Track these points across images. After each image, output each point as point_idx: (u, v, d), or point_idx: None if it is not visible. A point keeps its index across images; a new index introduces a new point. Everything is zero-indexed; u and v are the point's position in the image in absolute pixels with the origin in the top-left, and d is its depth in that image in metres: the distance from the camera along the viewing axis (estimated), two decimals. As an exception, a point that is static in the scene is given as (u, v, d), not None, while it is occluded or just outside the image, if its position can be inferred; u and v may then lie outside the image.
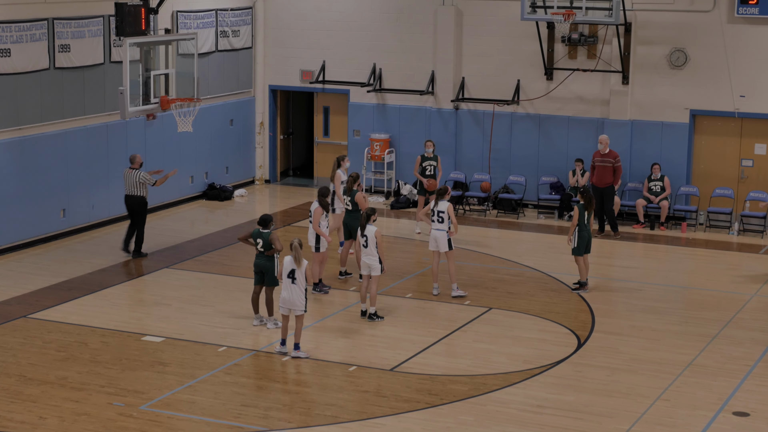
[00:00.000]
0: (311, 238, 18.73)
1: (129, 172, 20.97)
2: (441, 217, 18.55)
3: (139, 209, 21.02)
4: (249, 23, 27.24)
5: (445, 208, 18.53)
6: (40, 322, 17.42)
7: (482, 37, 25.57)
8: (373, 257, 17.58)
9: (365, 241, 17.59)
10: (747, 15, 23.12)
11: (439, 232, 18.59)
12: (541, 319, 17.90)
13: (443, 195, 18.67)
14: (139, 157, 21.16)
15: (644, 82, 24.32)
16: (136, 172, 20.88)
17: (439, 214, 18.58)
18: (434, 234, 18.67)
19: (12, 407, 14.10)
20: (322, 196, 18.57)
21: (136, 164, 20.98)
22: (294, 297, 15.89)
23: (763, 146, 23.74)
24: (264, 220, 17.10)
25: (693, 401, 14.63)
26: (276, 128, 28.23)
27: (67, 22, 21.87)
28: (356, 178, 19.39)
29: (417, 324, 17.66)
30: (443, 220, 18.54)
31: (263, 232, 17.02)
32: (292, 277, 15.88)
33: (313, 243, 18.68)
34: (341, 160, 21.02)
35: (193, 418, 13.91)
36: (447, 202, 18.62)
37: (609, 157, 22.91)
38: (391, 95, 26.58)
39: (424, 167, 22.78)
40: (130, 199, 21.02)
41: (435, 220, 18.63)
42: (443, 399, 14.61)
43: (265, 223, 17.08)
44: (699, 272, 21.06)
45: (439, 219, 18.57)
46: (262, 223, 17.09)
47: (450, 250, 18.62)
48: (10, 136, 21.06)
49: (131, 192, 20.92)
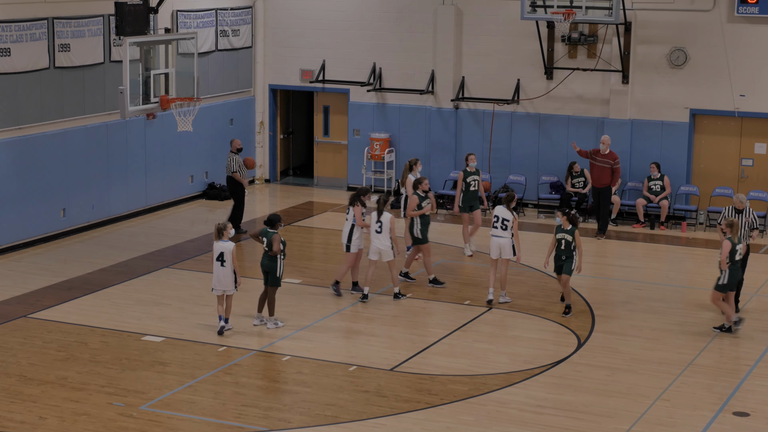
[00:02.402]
0: (344, 238, 18.58)
1: (229, 155, 22.74)
2: (505, 225, 18.23)
3: (233, 190, 22.78)
4: (249, 23, 27.23)
5: (511, 218, 18.19)
6: (40, 322, 17.42)
7: (482, 36, 25.57)
8: (386, 242, 18.08)
9: (380, 226, 18.12)
10: (747, 14, 23.12)
11: (503, 239, 18.30)
12: (541, 319, 17.90)
13: (510, 202, 18.38)
14: (236, 141, 22.90)
15: (644, 82, 24.33)
16: (233, 156, 22.63)
17: (503, 222, 18.24)
18: (498, 241, 18.33)
19: (12, 407, 14.10)
20: (362, 195, 18.62)
21: (233, 148, 22.72)
22: (221, 276, 16.63)
23: (763, 145, 23.75)
24: (271, 219, 17.13)
25: (693, 401, 14.63)
26: (276, 128, 28.23)
27: (67, 22, 21.87)
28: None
29: (417, 324, 17.67)
30: (507, 228, 18.24)
31: (269, 231, 17.05)
32: (221, 260, 16.57)
33: (345, 242, 18.56)
34: (413, 165, 20.79)
35: (193, 418, 13.91)
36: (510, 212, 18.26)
37: (609, 158, 22.85)
38: (391, 95, 26.58)
39: (468, 183, 21.23)
40: (228, 181, 22.86)
41: (498, 227, 18.28)
42: (443, 399, 14.61)
43: (271, 223, 17.10)
44: (699, 272, 21.05)
45: (502, 226, 18.28)
46: (269, 222, 17.12)
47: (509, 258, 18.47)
48: (10, 136, 21.05)
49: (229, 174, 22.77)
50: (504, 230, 18.26)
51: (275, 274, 17.05)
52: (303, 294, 18.70)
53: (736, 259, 17.01)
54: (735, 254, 16.95)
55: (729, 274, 17.01)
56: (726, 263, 16.90)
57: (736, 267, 17.11)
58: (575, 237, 17.74)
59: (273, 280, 17.11)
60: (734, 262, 17.00)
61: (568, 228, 17.75)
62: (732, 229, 16.94)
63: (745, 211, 18.15)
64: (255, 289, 19.41)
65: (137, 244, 22.10)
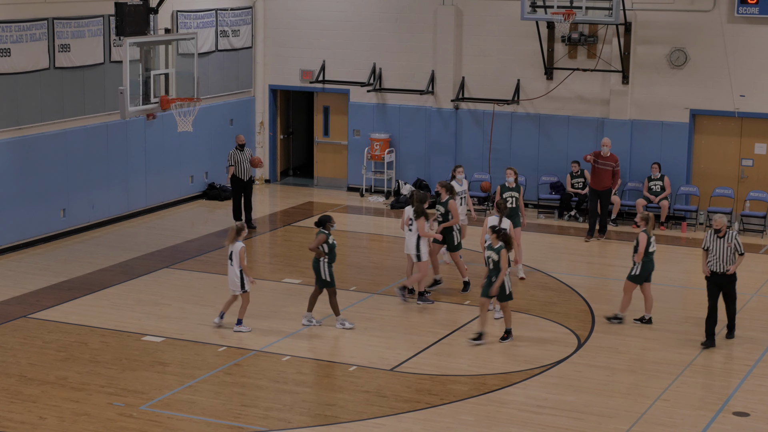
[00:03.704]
0: (412, 249, 18.30)
1: (232, 150, 23.49)
2: None
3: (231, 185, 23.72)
4: (249, 23, 27.24)
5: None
6: (40, 322, 17.43)
7: (482, 36, 25.58)
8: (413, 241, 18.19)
9: (411, 225, 18.20)
10: (747, 15, 23.12)
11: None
12: (541, 319, 17.90)
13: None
14: (238, 137, 23.69)
15: (644, 82, 24.33)
16: (232, 151, 23.31)
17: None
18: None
19: (12, 407, 14.10)
20: (420, 202, 18.33)
21: (236, 144, 23.47)
22: (231, 277, 16.73)
23: (763, 146, 23.74)
24: (321, 220, 17.08)
25: (693, 401, 14.63)
26: (276, 128, 28.24)
27: (67, 22, 21.87)
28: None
29: (417, 324, 17.66)
30: None
31: (322, 232, 17.07)
32: (231, 258, 16.68)
33: (414, 252, 18.29)
34: (454, 171, 20.57)
35: (193, 418, 13.91)
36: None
37: (610, 161, 22.68)
38: (391, 95, 26.58)
39: (504, 199, 19.74)
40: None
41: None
42: (443, 399, 14.61)
43: (321, 223, 17.07)
44: (699, 272, 21.00)
45: None
46: (319, 223, 17.11)
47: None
48: (10, 136, 21.06)
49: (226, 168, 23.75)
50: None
51: (320, 276, 17.02)
52: (303, 294, 18.67)
53: (650, 251, 17.34)
54: (650, 246, 17.33)
55: (642, 266, 17.36)
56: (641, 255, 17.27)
57: (650, 259, 17.42)
58: (501, 256, 16.28)
59: (320, 282, 17.09)
60: (648, 254, 17.32)
61: (496, 246, 16.36)
62: (646, 222, 17.35)
63: (728, 236, 16.58)
64: (254, 289, 19.44)
65: (137, 244, 22.11)
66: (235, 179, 23.29)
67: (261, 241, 23.07)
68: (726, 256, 16.57)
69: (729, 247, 16.56)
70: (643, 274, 17.44)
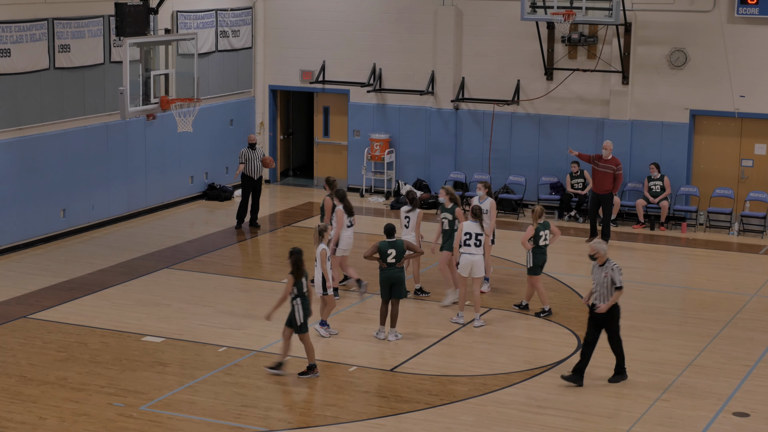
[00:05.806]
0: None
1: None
2: (479, 241, 17.25)
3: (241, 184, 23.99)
4: (249, 23, 27.24)
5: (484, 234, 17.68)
6: (40, 322, 17.42)
7: (482, 37, 25.58)
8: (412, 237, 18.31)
9: (408, 221, 18.35)
10: (747, 15, 23.13)
11: (476, 257, 17.28)
12: (541, 319, 17.90)
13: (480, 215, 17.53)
14: (249, 136, 24.04)
15: (644, 82, 24.33)
16: (244, 150, 23.50)
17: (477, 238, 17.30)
18: (471, 259, 17.28)
19: (12, 407, 14.10)
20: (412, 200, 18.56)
21: (248, 142, 23.76)
22: (316, 278, 16.48)
23: (763, 146, 23.74)
24: (390, 229, 16.80)
25: (693, 401, 14.63)
26: (276, 128, 28.24)
27: (67, 22, 21.87)
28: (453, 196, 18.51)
29: (417, 324, 17.66)
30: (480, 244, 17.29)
31: (395, 241, 16.73)
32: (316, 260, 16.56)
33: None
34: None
35: (193, 419, 13.91)
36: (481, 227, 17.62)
37: (611, 164, 22.32)
38: (391, 95, 26.58)
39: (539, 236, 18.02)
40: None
41: (471, 244, 17.22)
42: (443, 399, 14.61)
43: (391, 232, 16.80)
44: (699, 272, 21.07)
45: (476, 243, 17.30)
46: (387, 233, 16.81)
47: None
48: (10, 136, 21.06)
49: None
50: (477, 247, 17.29)
51: (403, 285, 16.76)
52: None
53: (541, 244, 17.66)
54: (539, 239, 17.66)
55: (533, 258, 17.68)
56: (529, 244, 17.60)
57: (541, 251, 17.70)
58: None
59: (399, 292, 16.73)
60: (539, 246, 17.66)
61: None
62: (534, 215, 17.66)
63: (606, 265, 14.71)
64: (254, 289, 19.47)
65: (137, 244, 22.11)
66: (245, 177, 23.44)
67: (261, 241, 23.08)
68: (604, 289, 14.64)
69: (606, 278, 14.59)
70: (536, 266, 17.72)
